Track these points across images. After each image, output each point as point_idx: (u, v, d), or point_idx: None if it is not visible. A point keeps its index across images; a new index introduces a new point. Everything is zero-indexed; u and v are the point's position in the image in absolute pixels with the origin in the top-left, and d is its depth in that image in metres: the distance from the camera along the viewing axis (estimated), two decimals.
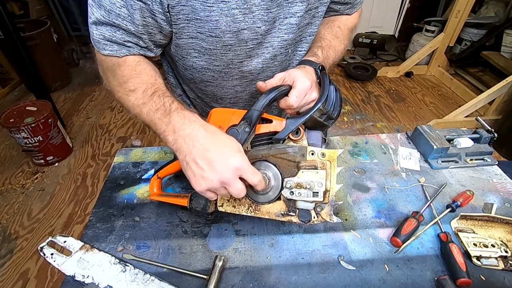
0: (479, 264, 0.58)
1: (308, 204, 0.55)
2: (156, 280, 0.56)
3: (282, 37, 0.64)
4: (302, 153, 0.55)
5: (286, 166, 0.55)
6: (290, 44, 0.67)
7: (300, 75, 0.59)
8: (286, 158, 0.55)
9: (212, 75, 0.68)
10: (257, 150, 0.57)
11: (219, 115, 0.58)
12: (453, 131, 0.85)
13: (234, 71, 0.67)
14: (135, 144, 2.34)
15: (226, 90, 0.73)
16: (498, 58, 2.73)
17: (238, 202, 0.58)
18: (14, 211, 1.82)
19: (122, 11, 0.53)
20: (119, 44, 0.57)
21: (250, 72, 0.68)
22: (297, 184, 0.54)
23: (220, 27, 0.56)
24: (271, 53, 0.66)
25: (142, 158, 0.84)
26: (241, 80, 0.70)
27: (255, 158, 0.56)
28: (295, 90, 0.58)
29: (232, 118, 0.56)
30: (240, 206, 0.57)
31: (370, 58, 3.45)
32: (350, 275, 0.57)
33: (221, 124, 0.56)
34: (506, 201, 0.71)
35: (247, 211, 0.57)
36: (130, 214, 0.69)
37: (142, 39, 0.58)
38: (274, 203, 0.56)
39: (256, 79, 0.70)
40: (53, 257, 0.58)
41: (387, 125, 2.53)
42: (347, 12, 0.77)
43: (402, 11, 3.41)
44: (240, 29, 0.58)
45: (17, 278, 1.49)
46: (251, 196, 0.57)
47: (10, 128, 1.89)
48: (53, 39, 2.92)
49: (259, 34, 0.60)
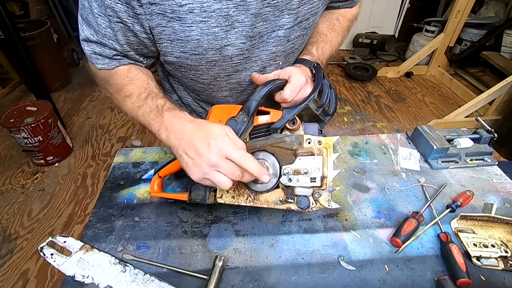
0: (479, 264, 0.58)
1: (306, 190, 0.56)
2: (156, 280, 0.56)
3: (271, 50, 0.64)
4: (299, 141, 0.56)
5: (283, 154, 0.56)
6: (280, 56, 0.66)
7: (295, 71, 0.61)
8: (283, 146, 0.56)
9: (201, 86, 0.70)
10: (255, 141, 0.59)
11: (219, 110, 0.60)
12: (453, 131, 0.85)
13: (222, 83, 0.67)
14: (135, 144, 2.34)
15: (218, 99, 0.74)
16: (498, 58, 2.73)
17: (237, 193, 0.58)
18: (14, 211, 1.82)
19: (107, 31, 0.55)
20: (110, 58, 0.60)
21: (239, 84, 0.68)
22: (295, 171, 0.55)
23: (202, 45, 0.56)
24: (260, 65, 0.66)
25: (142, 158, 0.84)
26: (231, 92, 0.71)
27: (254, 148, 0.58)
28: (290, 84, 0.59)
29: (231, 112, 0.57)
30: (239, 197, 0.58)
31: (370, 58, 3.45)
32: (350, 275, 0.57)
33: (221, 118, 0.57)
34: (506, 201, 0.71)
35: (246, 201, 0.58)
36: (130, 214, 0.69)
37: (129, 56, 0.61)
38: (272, 191, 0.57)
39: (247, 90, 0.70)
40: (53, 257, 0.58)
41: (387, 125, 2.53)
42: (348, 6, 0.77)
43: (402, 11, 3.41)
44: (223, 46, 0.57)
45: (17, 278, 1.49)
46: (250, 186, 0.58)
47: (10, 128, 1.89)
48: (53, 39, 2.92)
49: (244, 49, 0.60)
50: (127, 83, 0.60)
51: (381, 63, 3.42)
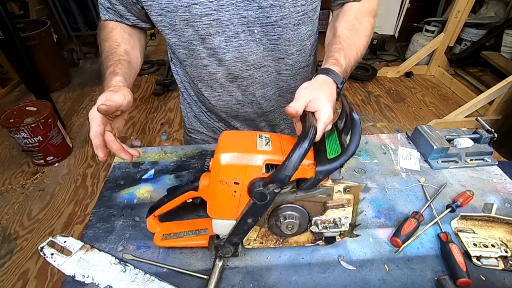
0: (479, 264, 0.58)
1: (334, 233, 0.57)
2: (156, 280, 0.56)
3: (242, 14, 0.63)
4: (329, 193, 0.53)
5: (313, 207, 0.54)
6: (254, 23, 0.64)
7: (324, 104, 0.52)
8: (312, 200, 0.54)
9: (184, 52, 0.71)
10: (282, 195, 0.53)
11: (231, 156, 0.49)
12: (453, 131, 0.85)
13: (200, 48, 0.68)
14: (135, 144, 2.35)
15: (200, 70, 0.73)
16: (498, 58, 2.73)
17: (265, 239, 0.58)
18: (14, 211, 1.82)
19: None
20: (105, 9, 0.70)
21: (215, 50, 0.67)
22: (325, 221, 0.55)
23: (172, 2, 0.60)
24: (233, 30, 0.64)
25: (142, 158, 0.84)
26: (209, 59, 0.70)
27: (281, 203, 0.53)
28: (319, 125, 0.51)
29: (248, 169, 0.48)
30: (268, 242, 0.59)
31: (370, 58, 3.45)
32: (350, 275, 0.57)
33: (237, 176, 0.48)
34: (506, 201, 0.71)
35: (275, 244, 0.59)
36: (130, 214, 0.69)
37: (116, 9, 0.69)
38: (301, 234, 0.58)
39: (224, 60, 0.68)
40: (53, 257, 0.58)
41: (387, 125, 2.53)
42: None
43: (402, 11, 3.41)
44: (191, 4, 0.60)
45: (17, 278, 1.49)
46: (280, 235, 0.58)
47: (10, 128, 1.89)
48: (53, 39, 2.93)
49: (212, 9, 0.61)
50: (105, 39, 0.70)
51: (381, 63, 3.42)
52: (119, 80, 0.61)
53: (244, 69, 0.70)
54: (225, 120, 0.87)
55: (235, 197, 0.50)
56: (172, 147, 0.87)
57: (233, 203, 0.50)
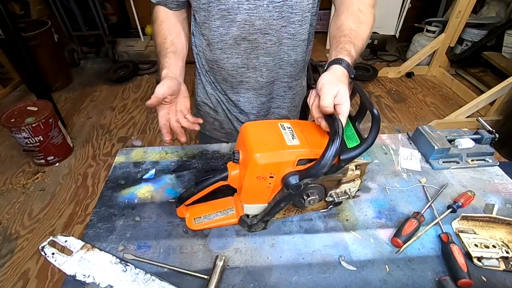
0: (480, 265, 0.58)
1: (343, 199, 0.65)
2: (157, 280, 0.56)
3: None
4: (344, 172, 0.61)
5: (330, 183, 0.62)
6: None
7: (346, 98, 0.56)
8: (330, 179, 0.61)
9: (203, 14, 0.77)
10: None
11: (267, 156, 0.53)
12: (454, 131, 0.85)
13: (215, 10, 0.73)
14: (135, 144, 2.35)
15: (213, 32, 0.78)
16: (499, 58, 2.73)
17: (287, 211, 0.66)
18: (14, 211, 1.82)
19: None
20: None
21: (228, 11, 0.73)
22: (338, 193, 0.64)
23: None
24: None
25: (143, 158, 0.84)
26: (222, 20, 0.75)
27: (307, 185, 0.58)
28: (342, 118, 0.55)
29: (282, 165, 0.54)
30: (289, 213, 0.67)
31: (371, 58, 3.45)
32: (350, 276, 0.57)
33: (272, 171, 0.54)
34: (507, 202, 0.71)
35: (295, 213, 0.68)
36: (131, 214, 0.69)
37: None
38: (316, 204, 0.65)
39: (235, 21, 0.74)
40: (54, 257, 0.58)
41: (388, 126, 2.53)
42: None
43: (403, 11, 3.41)
44: None
45: (18, 278, 1.49)
46: (301, 207, 0.66)
47: (11, 128, 1.89)
48: (54, 39, 2.93)
49: None
50: (156, 34, 0.80)
51: (382, 63, 3.42)
52: (165, 73, 0.71)
53: (251, 32, 0.75)
54: (227, 95, 0.94)
55: (269, 188, 0.57)
56: (173, 147, 0.87)
57: (267, 192, 0.58)
